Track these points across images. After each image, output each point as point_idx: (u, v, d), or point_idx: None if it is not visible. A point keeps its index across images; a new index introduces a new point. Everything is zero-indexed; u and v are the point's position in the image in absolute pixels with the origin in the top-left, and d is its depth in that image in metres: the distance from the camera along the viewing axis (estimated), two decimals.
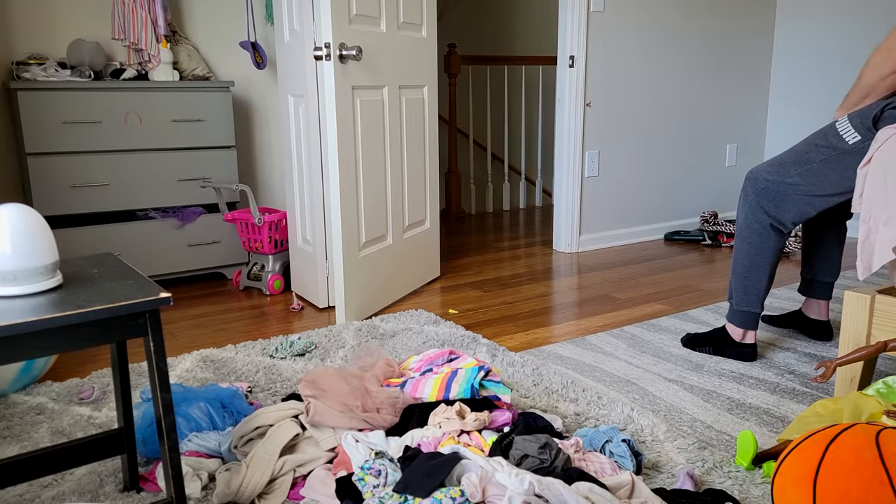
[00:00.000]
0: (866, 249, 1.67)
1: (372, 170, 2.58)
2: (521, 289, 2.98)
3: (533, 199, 5.29)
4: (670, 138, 3.91)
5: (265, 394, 1.90)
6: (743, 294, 2.07)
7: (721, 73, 4.02)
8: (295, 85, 2.63)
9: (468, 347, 2.22)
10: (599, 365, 2.11)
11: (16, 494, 1.42)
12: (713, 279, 3.08)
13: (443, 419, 1.49)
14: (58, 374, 2.07)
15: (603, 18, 3.50)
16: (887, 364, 2.03)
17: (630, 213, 3.86)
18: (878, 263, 1.65)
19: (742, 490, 1.42)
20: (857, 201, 1.73)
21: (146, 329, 1.12)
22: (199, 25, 3.15)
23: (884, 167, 1.65)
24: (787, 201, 1.95)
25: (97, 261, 1.32)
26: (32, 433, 1.68)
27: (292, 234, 2.85)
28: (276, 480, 1.42)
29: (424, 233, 3.01)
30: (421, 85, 2.88)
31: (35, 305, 1.06)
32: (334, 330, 2.41)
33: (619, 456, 1.45)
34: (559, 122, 3.58)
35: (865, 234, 1.68)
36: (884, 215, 1.63)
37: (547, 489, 1.19)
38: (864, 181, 1.70)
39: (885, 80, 1.80)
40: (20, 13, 2.79)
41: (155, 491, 1.42)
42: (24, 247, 1.08)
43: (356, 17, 2.41)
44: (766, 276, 2.04)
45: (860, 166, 1.73)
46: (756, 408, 1.81)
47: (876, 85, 1.82)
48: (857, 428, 1.19)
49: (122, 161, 2.80)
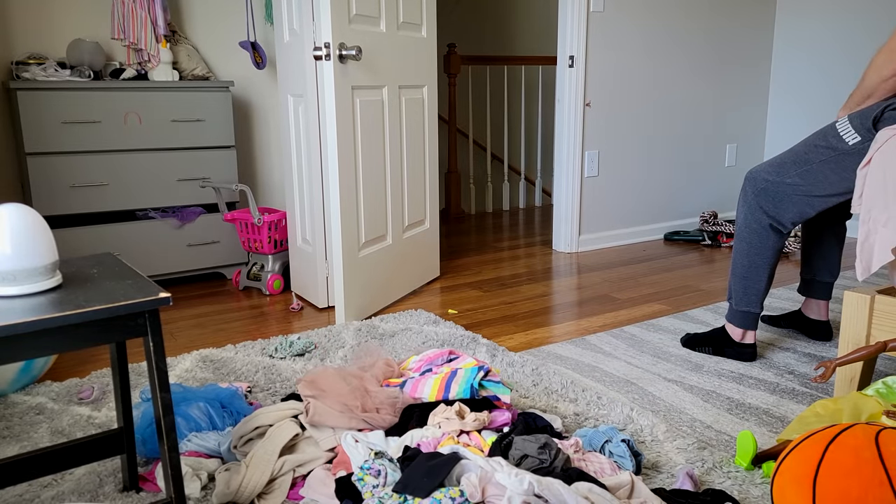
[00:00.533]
0: (866, 250, 1.68)
1: (372, 170, 2.58)
2: (521, 289, 2.98)
3: (533, 199, 5.29)
4: (670, 138, 3.91)
5: (265, 394, 1.90)
6: (742, 294, 2.07)
7: (721, 72, 4.02)
8: (295, 85, 2.63)
9: (468, 347, 2.22)
10: (599, 365, 2.11)
11: (15, 494, 1.42)
12: (713, 279, 3.08)
13: (442, 419, 1.49)
14: (57, 374, 2.07)
15: (603, 18, 3.50)
16: (887, 364, 2.03)
17: (630, 213, 3.86)
18: (877, 264, 1.65)
19: (741, 490, 1.42)
20: (857, 202, 1.73)
21: (146, 329, 1.12)
22: (198, 25, 3.15)
23: (884, 168, 1.65)
24: (786, 201, 1.95)
25: (96, 261, 1.32)
26: (32, 433, 1.68)
27: (292, 234, 2.85)
28: (275, 480, 1.42)
29: (424, 233, 3.01)
30: (421, 85, 2.88)
31: (34, 305, 1.06)
32: (334, 330, 2.41)
33: (619, 456, 1.45)
34: (559, 121, 3.58)
35: (865, 235, 1.68)
36: (883, 216, 1.63)
37: (546, 489, 1.19)
38: (863, 182, 1.70)
39: (886, 82, 1.80)
40: (20, 13, 2.79)
41: (154, 491, 1.42)
42: (24, 247, 1.08)
43: (356, 17, 2.41)
44: (766, 276, 2.04)
45: (860, 167, 1.73)
46: (756, 408, 1.81)
47: (878, 87, 1.82)
48: (857, 428, 1.19)
49: (122, 161, 2.80)
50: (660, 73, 3.78)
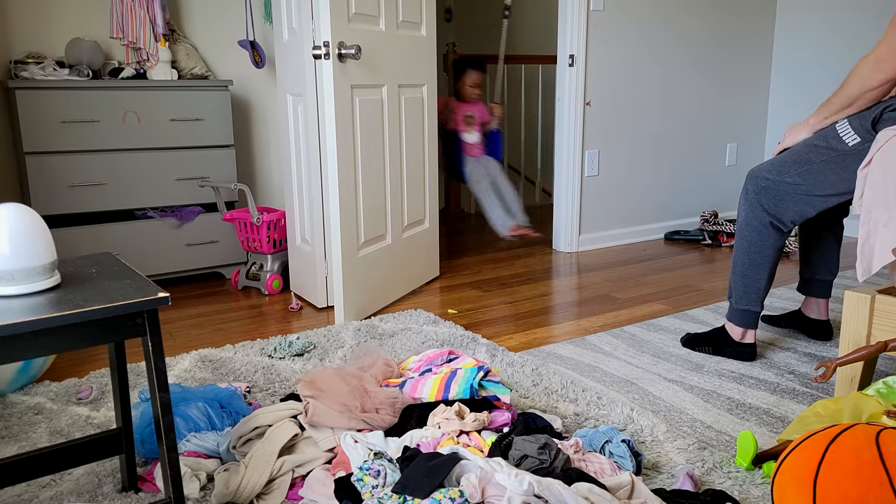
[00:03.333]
0: (866, 251, 1.67)
1: (371, 169, 2.57)
2: (521, 289, 2.98)
3: (532, 199, 5.29)
4: (670, 137, 3.91)
5: (264, 394, 1.89)
6: (742, 292, 2.07)
7: (721, 72, 4.01)
8: (294, 84, 2.62)
9: (467, 347, 2.22)
10: (599, 365, 2.11)
11: (14, 495, 1.41)
12: (713, 279, 3.08)
13: (442, 419, 1.49)
14: (56, 373, 2.07)
15: (602, 17, 3.49)
16: (887, 364, 2.03)
17: (630, 213, 3.86)
18: (877, 265, 1.65)
19: (742, 490, 1.42)
20: (858, 203, 1.72)
21: (144, 329, 1.12)
22: (197, 24, 3.14)
23: (884, 169, 1.64)
24: (786, 200, 1.95)
25: (95, 260, 1.32)
26: (30, 433, 1.67)
27: (291, 234, 2.85)
28: (274, 481, 1.41)
29: (424, 232, 3.00)
30: (420, 84, 2.87)
31: (33, 305, 1.05)
32: (333, 330, 2.40)
33: (619, 456, 1.45)
34: (559, 121, 3.58)
35: (865, 235, 1.67)
36: (884, 217, 1.63)
37: (546, 489, 1.18)
38: (864, 183, 1.70)
39: (870, 93, 1.77)
40: (18, 12, 2.79)
41: (153, 491, 1.42)
42: (22, 246, 1.08)
43: (355, 16, 2.40)
44: (766, 275, 2.04)
45: (860, 168, 1.73)
46: (756, 408, 1.81)
47: (861, 96, 1.79)
48: (858, 428, 1.18)
49: (121, 160, 2.79)
50: (660, 72, 3.77)
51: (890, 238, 1.61)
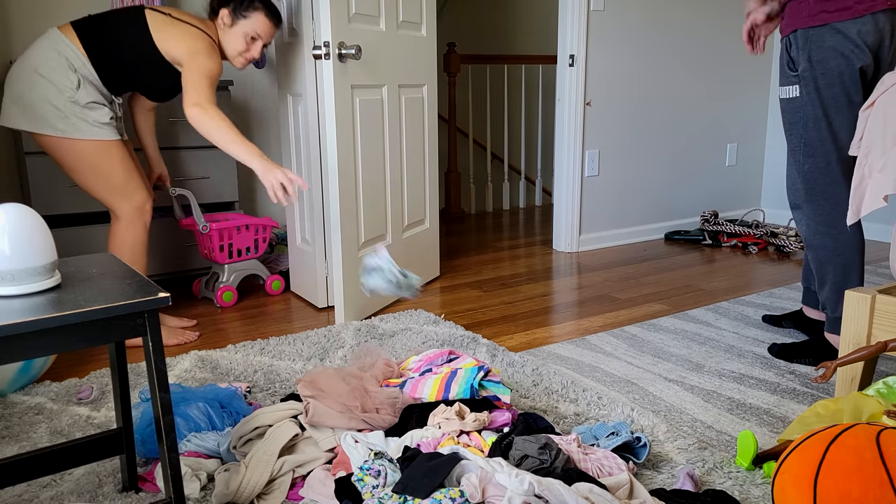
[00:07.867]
0: (858, 195, 1.65)
1: (371, 169, 2.57)
2: (521, 289, 2.98)
3: (533, 199, 5.29)
4: (670, 137, 3.91)
5: (264, 394, 1.89)
6: (837, 301, 1.99)
7: (722, 72, 4.01)
8: (294, 84, 2.62)
9: (468, 347, 2.22)
10: (599, 365, 2.11)
11: (14, 495, 1.41)
12: (714, 279, 3.08)
13: (442, 419, 1.49)
14: (56, 374, 2.07)
15: (603, 17, 3.49)
16: (887, 364, 2.03)
17: (630, 213, 3.86)
18: (867, 209, 1.62)
19: (742, 490, 1.42)
20: (856, 145, 1.70)
21: (145, 329, 1.12)
22: None
23: (885, 113, 1.61)
24: (821, 174, 1.94)
25: (95, 260, 1.32)
26: (31, 433, 1.67)
27: (291, 234, 2.85)
28: (275, 481, 1.42)
29: (424, 232, 3.00)
30: (420, 84, 2.87)
31: (33, 305, 1.05)
32: (333, 330, 2.40)
33: (625, 444, 1.46)
34: (559, 121, 3.58)
35: (860, 179, 1.65)
36: (880, 162, 1.60)
37: (547, 489, 1.18)
38: (864, 125, 1.68)
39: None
40: (17, 12, 2.79)
41: (154, 491, 1.42)
42: (23, 246, 1.08)
43: (355, 16, 2.40)
44: (856, 275, 1.98)
45: (862, 109, 1.70)
46: (756, 408, 1.81)
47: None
48: (858, 428, 1.18)
49: None
50: (660, 72, 3.77)
51: (883, 183, 1.57)
